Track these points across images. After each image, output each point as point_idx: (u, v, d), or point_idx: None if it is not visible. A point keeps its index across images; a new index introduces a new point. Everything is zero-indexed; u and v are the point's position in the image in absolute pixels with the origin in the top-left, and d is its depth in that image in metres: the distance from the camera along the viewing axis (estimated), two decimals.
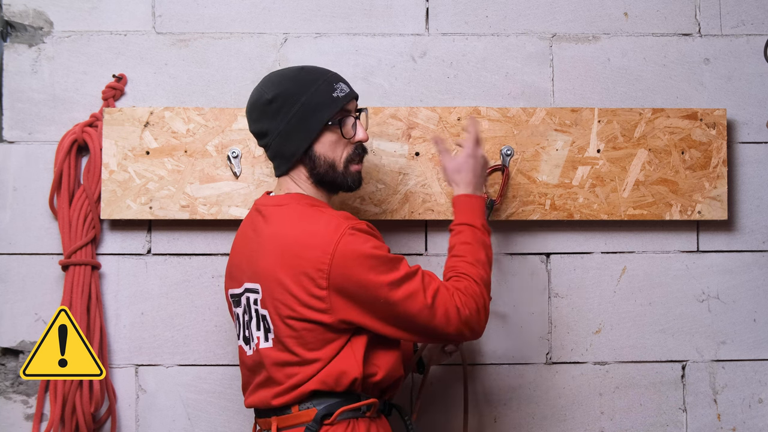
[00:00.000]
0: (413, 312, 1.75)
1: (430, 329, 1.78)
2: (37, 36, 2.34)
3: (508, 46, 2.38)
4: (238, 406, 2.30)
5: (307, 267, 1.73)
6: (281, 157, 1.88)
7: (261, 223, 1.85)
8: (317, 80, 1.87)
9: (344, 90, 1.88)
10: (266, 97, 1.85)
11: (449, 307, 1.78)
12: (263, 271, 1.79)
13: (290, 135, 1.85)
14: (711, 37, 2.41)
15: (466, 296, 1.81)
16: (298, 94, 1.84)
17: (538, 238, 2.36)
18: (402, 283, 1.75)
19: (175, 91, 2.34)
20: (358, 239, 1.74)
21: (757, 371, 2.38)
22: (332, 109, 1.85)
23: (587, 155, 2.30)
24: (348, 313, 1.74)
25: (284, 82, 1.86)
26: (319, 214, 1.79)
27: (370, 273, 1.72)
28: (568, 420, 2.34)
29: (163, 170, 2.26)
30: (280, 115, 1.84)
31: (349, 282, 1.72)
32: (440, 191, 2.28)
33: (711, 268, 2.38)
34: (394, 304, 1.74)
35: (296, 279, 1.74)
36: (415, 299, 1.75)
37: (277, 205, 1.85)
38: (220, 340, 2.31)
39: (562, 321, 2.36)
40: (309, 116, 1.84)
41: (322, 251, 1.72)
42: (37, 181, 2.32)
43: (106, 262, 2.31)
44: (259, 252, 1.82)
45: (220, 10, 2.37)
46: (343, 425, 1.76)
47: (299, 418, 1.78)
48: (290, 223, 1.79)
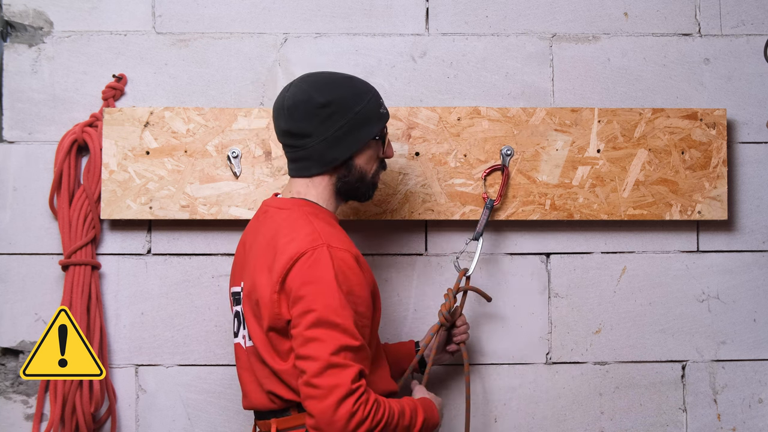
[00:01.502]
0: (313, 354, 1.65)
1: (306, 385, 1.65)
2: (37, 36, 2.34)
3: (508, 46, 2.38)
4: (238, 406, 2.30)
5: (275, 272, 1.74)
6: (318, 160, 1.85)
7: (261, 223, 1.88)
8: (369, 93, 1.88)
9: (385, 108, 1.92)
10: (319, 101, 1.82)
11: (341, 385, 1.63)
12: (248, 268, 1.83)
13: (338, 142, 1.83)
14: (711, 37, 2.41)
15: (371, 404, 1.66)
16: (353, 103, 1.84)
17: (538, 238, 2.36)
18: (329, 328, 1.66)
19: (175, 91, 2.34)
20: (324, 260, 1.71)
21: (757, 371, 2.38)
22: (380, 124, 1.88)
23: (587, 155, 2.30)
24: (285, 316, 1.74)
25: (338, 89, 1.84)
26: (307, 224, 1.79)
27: (312, 294, 1.69)
28: (568, 420, 2.34)
29: (163, 170, 2.26)
30: (330, 121, 1.82)
31: (293, 291, 1.71)
32: (440, 191, 2.28)
33: (711, 268, 2.38)
34: (304, 336, 1.68)
35: (268, 281, 1.75)
36: (323, 347, 1.65)
37: (279, 209, 1.86)
38: (220, 340, 2.31)
39: (562, 321, 2.35)
40: (360, 127, 1.84)
41: (288, 257, 1.73)
42: (37, 181, 2.32)
43: (106, 262, 2.31)
44: (252, 249, 1.85)
45: (220, 10, 2.37)
46: None
47: (298, 420, 1.78)
48: (282, 228, 1.80)
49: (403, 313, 2.32)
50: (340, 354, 1.66)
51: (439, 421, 1.88)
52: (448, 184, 2.29)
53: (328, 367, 1.65)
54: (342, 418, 1.62)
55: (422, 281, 2.34)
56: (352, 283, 1.73)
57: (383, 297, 2.28)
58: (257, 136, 2.27)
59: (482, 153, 2.29)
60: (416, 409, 1.80)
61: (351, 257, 1.75)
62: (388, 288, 2.33)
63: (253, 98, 2.35)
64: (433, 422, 1.84)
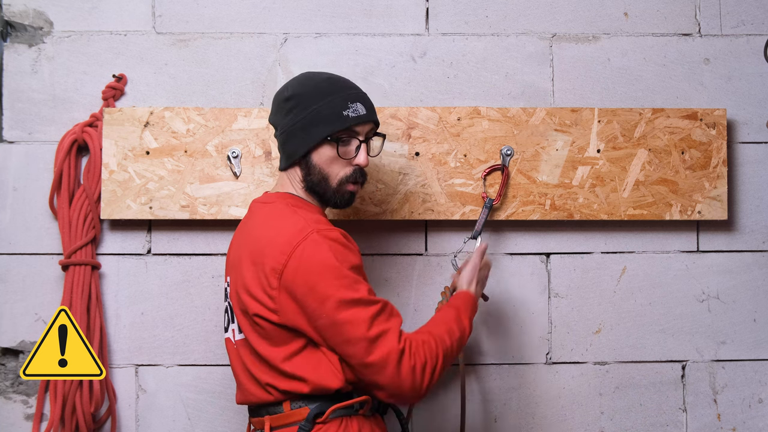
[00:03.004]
0: (350, 339, 1.69)
1: (362, 367, 1.70)
2: (37, 36, 2.34)
3: (508, 46, 2.38)
4: (237, 406, 2.30)
5: (266, 265, 1.74)
6: (283, 153, 1.91)
7: (248, 219, 1.90)
8: (335, 93, 1.85)
9: (358, 111, 1.85)
10: (285, 94, 1.88)
11: (391, 352, 1.68)
12: (234, 263, 1.84)
13: (293, 136, 1.86)
14: (711, 37, 2.41)
15: (421, 348, 1.73)
16: (311, 100, 1.84)
17: (538, 238, 2.36)
18: (352, 306, 1.70)
19: (175, 91, 2.34)
20: (320, 246, 1.72)
21: (757, 371, 2.38)
22: (336, 125, 1.83)
23: (587, 155, 2.30)
24: (294, 317, 1.73)
25: (306, 85, 1.87)
26: (291, 215, 1.79)
27: (322, 282, 1.70)
28: (568, 420, 2.34)
29: (163, 170, 2.26)
30: (290, 115, 1.86)
31: (298, 286, 1.71)
32: (440, 191, 2.28)
33: (711, 268, 2.38)
34: (334, 324, 1.70)
35: (255, 275, 1.76)
36: (357, 328, 1.69)
37: (264, 203, 1.88)
38: (220, 340, 2.31)
39: (562, 321, 2.36)
40: (313, 125, 1.84)
41: (280, 251, 1.73)
42: (37, 181, 2.32)
43: (106, 262, 2.31)
44: (238, 245, 1.86)
45: (220, 10, 2.37)
46: (336, 423, 1.76)
47: (291, 417, 1.78)
48: (266, 221, 1.81)
49: (404, 312, 2.32)
50: (373, 325, 1.69)
51: (476, 299, 1.96)
52: (448, 184, 2.29)
53: (371, 342, 1.68)
54: (408, 377, 1.69)
55: (422, 281, 2.34)
56: (349, 258, 1.75)
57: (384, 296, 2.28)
58: (257, 136, 2.27)
59: (482, 153, 2.29)
60: (458, 315, 1.86)
61: (340, 235, 1.77)
62: (388, 288, 2.33)
63: (253, 98, 2.35)
64: (475, 310, 1.93)
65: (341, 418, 1.77)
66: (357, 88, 1.89)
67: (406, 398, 1.73)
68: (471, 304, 1.92)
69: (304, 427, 1.75)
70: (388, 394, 1.72)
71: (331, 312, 1.69)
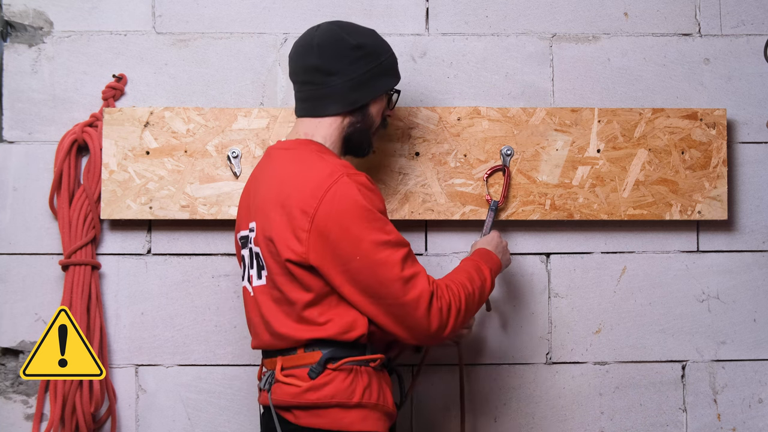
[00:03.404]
0: (386, 280, 1.72)
1: (397, 307, 1.73)
2: (37, 36, 2.34)
3: (508, 46, 2.38)
4: (237, 406, 2.30)
5: (295, 208, 1.74)
6: (338, 100, 1.88)
7: (266, 165, 1.90)
8: (390, 49, 1.97)
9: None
10: (352, 42, 1.88)
11: (423, 293, 1.73)
12: (258, 208, 1.84)
13: (362, 85, 1.89)
14: (711, 37, 2.41)
15: (446, 292, 1.77)
16: (380, 52, 1.92)
17: (538, 238, 2.36)
18: (386, 247, 1.72)
19: (175, 91, 2.34)
20: (350, 188, 1.74)
21: (757, 371, 2.38)
22: (395, 80, 1.97)
23: (587, 155, 2.30)
24: (323, 260, 1.73)
25: (368, 36, 1.92)
26: (318, 160, 1.80)
27: (355, 224, 1.72)
28: (568, 420, 2.34)
29: (163, 170, 2.26)
30: (360, 62, 1.88)
31: (332, 229, 1.72)
32: (440, 191, 2.28)
33: (711, 268, 2.38)
34: (369, 265, 1.72)
35: (284, 219, 1.76)
36: (392, 268, 1.72)
37: (284, 149, 1.88)
38: (220, 340, 2.31)
39: (562, 321, 2.36)
40: (382, 75, 1.92)
41: (311, 194, 1.73)
42: (37, 181, 2.32)
43: (106, 262, 2.31)
44: (259, 191, 1.86)
45: (220, 10, 2.37)
46: (346, 371, 1.76)
47: (303, 359, 1.78)
48: (290, 165, 1.82)
49: None
50: (405, 266, 1.73)
51: (501, 259, 2.00)
52: (448, 184, 2.29)
53: (405, 283, 1.72)
54: (436, 318, 1.74)
55: None
56: (377, 202, 1.78)
57: None
58: (257, 136, 2.27)
59: (482, 153, 2.29)
60: (478, 265, 1.90)
61: (367, 180, 1.79)
62: None
63: (253, 98, 2.35)
64: (497, 265, 1.97)
65: (352, 367, 1.77)
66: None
67: (430, 339, 1.77)
68: (490, 257, 1.96)
69: (315, 369, 1.75)
70: (413, 335, 1.75)
71: (366, 253, 1.71)
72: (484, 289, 1.88)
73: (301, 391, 1.75)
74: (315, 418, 1.75)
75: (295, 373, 1.78)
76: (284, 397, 1.77)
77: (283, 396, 1.78)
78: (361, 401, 1.75)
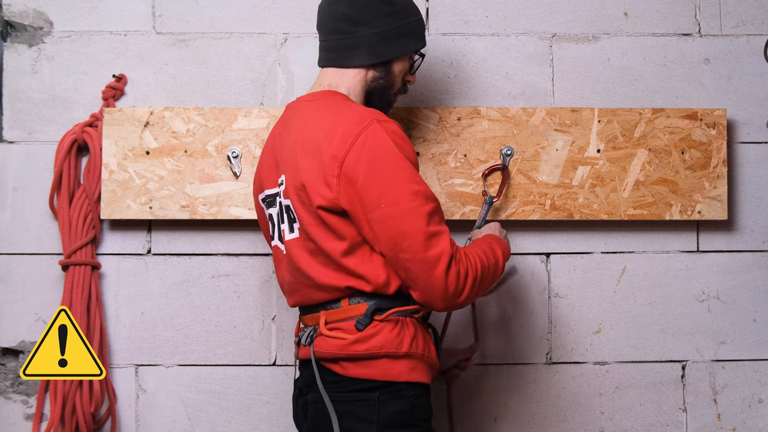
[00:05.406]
0: (409, 231, 1.69)
1: (416, 262, 1.69)
2: (37, 36, 2.34)
3: (508, 46, 2.38)
4: (237, 406, 2.30)
5: (326, 154, 1.72)
6: (366, 51, 1.87)
7: (290, 118, 1.88)
8: (419, 13, 1.97)
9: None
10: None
11: (444, 252, 1.69)
12: (286, 160, 1.82)
13: (390, 40, 1.88)
14: (711, 37, 2.41)
15: (464, 258, 1.74)
16: (410, 12, 1.93)
17: (538, 238, 2.36)
18: (414, 198, 1.69)
19: (175, 91, 2.34)
20: (381, 134, 1.72)
21: (757, 371, 2.38)
22: (422, 43, 1.96)
23: (587, 155, 2.30)
24: (352, 205, 1.71)
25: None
26: (346, 107, 1.79)
27: (385, 170, 1.70)
28: (568, 420, 2.34)
29: (163, 170, 2.26)
30: (390, 18, 1.88)
31: (360, 174, 1.70)
32: (440, 191, 2.28)
33: (711, 268, 2.38)
34: (395, 213, 1.69)
35: (315, 166, 1.74)
36: (418, 220, 1.68)
37: (309, 101, 1.87)
38: (220, 340, 2.31)
39: (562, 321, 2.36)
40: (410, 35, 1.92)
41: (341, 139, 1.72)
42: (37, 181, 2.32)
43: (106, 262, 2.31)
44: (285, 144, 1.84)
45: (220, 10, 2.37)
46: (393, 322, 1.75)
47: (349, 312, 1.77)
48: (319, 113, 1.81)
49: None
50: (431, 222, 1.70)
51: (509, 247, 1.97)
52: (448, 184, 2.29)
53: (429, 238, 1.68)
54: (453, 281, 1.70)
55: None
56: (408, 151, 1.76)
57: None
58: (257, 136, 2.27)
59: (482, 153, 2.29)
60: (491, 245, 1.88)
61: (398, 127, 1.78)
62: None
63: (253, 98, 2.35)
64: (507, 249, 1.94)
65: (398, 318, 1.76)
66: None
67: (442, 302, 1.72)
68: (500, 241, 1.93)
69: (362, 321, 1.74)
70: (426, 295, 1.72)
71: (393, 200, 1.69)
72: (497, 267, 1.85)
73: (348, 344, 1.74)
74: (364, 369, 1.73)
75: (341, 326, 1.76)
76: (330, 349, 1.75)
77: (328, 348, 1.76)
78: (409, 351, 1.74)
